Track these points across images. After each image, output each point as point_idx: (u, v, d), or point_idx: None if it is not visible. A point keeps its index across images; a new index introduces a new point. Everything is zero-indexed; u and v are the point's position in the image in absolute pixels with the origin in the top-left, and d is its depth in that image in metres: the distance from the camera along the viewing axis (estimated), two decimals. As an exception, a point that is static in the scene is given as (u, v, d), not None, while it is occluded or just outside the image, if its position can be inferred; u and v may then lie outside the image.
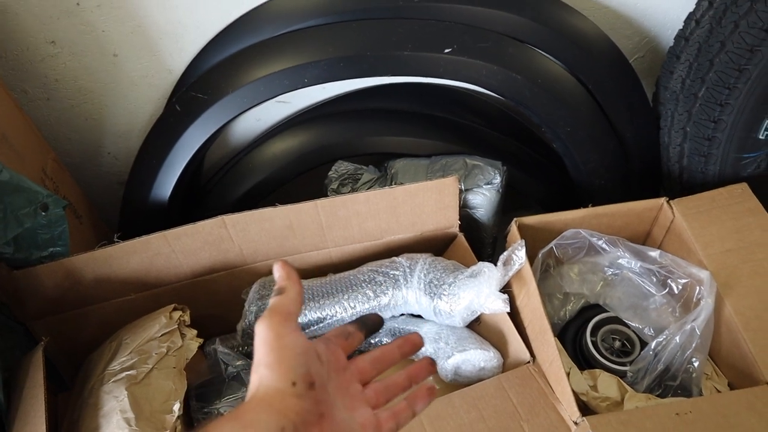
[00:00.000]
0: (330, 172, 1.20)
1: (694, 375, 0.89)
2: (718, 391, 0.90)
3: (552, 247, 1.00)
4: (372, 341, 1.02)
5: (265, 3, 1.10)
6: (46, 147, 1.13)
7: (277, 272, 0.51)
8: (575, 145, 1.15)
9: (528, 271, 0.92)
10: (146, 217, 1.19)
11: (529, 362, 0.89)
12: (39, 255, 0.96)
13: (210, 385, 0.98)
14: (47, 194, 0.92)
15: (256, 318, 0.98)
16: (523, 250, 0.91)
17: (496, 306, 0.90)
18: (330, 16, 1.08)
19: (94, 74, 1.16)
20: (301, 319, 0.98)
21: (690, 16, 1.12)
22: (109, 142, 1.29)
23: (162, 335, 0.94)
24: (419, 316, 1.02)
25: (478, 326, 1.00)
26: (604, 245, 1.00)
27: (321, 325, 0.99)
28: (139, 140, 1.20)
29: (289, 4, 1.10)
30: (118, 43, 1.12)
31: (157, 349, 0.92)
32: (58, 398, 1.02)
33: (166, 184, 1.16)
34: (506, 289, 0.94)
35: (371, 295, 0.98)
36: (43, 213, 0.92)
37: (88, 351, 1.01)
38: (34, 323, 1.00)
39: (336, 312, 0.98)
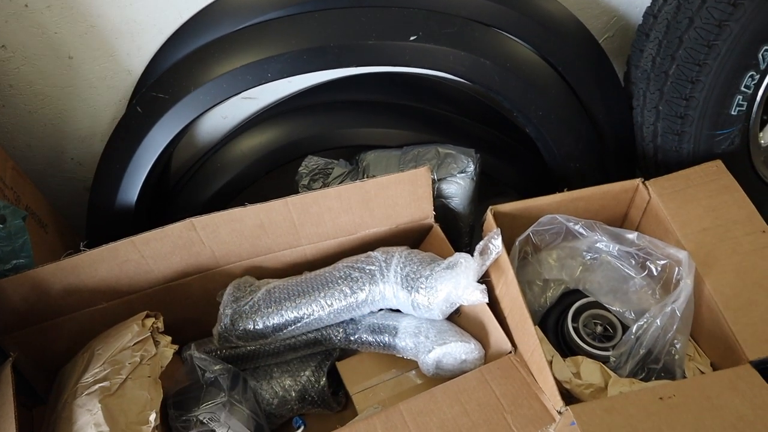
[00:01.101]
0: (300, 168, 1.18)
1: (676, 357, 0.89)
2: (702, 372, 0.90)
3: (529, 234, 0.99)
4: (352, 338, 1.01)
5: (223, -4, 1.08)
6: (4, 155, 1.10)
7: None
8: (548, 128, 1.14)
9: (505, 260, 0.91)
10: (114, 223, 1.16)
11: (510, 352, 0.89)
12: (2, 268, 0.94)
13: (188, 392, 0.96)
14: (4, 205, 0.90)
15: (232, 321, 0.97)
16: (500, 238, 0.90)
17: (474, 297, 0.89)
18: (290, 7, 1.06)
19: (50, 78, 1.13)
20: (278, 320, 0.97)
21: (658, -8, 1.12)
22: (71, 147, 1.27)
23: (135, 344, 0.91)
24: (398, 311, 1.01)
25: (458, 318, 0.99)
26: (581, 230, 0.99)
27: (298, 324, 0.97)
28: (102, 144, 1.17)
29: (248, -3, 1.08)
30: (72, 44, 1.09)
31: (130, 359, 0.90)
32: (34, 413, 1.00)
33: (132, 187, 1.13)
34: (484, 278, 0.93)
35: (348, 291, 0.96)
36: (1, 225, 0.90)
37: (62, 363, 0.99)
38: (3, 338, 0.97)
39: (313, 311, 0.97)
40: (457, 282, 0.90)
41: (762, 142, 1.11)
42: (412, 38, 1.04)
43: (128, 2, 1.05)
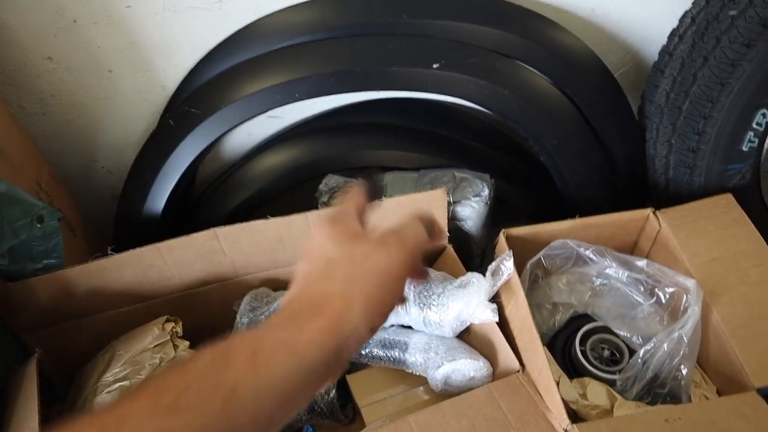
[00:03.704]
0: (320, 186, 1.20)
1: (682, 382, 0.90)
2: (707, 398, 0.91)
3: (540, 258, 1.00)
4: (362, 352, 1.02)
5: (257, 20, 1.12)
6: (42, 160, 1.14)
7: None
8: (562, 157, 1.16)
9: (516, 282, 0.92)
10: (139, 230, 1.19)
11: (518, 371, 0.90)
12: (33, 267, 0.96)
13: (202, 397, 0.98)
14: (43, 206, 0.93)
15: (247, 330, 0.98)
16: (511, 260, 0.92)
17: (485, 316, 0.91)
18: (321, 32, 1.10)
19: (90, 89, 1.17)
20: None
21: (673, 32, 1.15)
22: (103, 156, 1.30)
23: (155, 346, 0.94)
24: (410, 327, 1.02)
25: (467, 336, 1.01)
26: (591, 255, 1.00)
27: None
28: (133, 154, 1.21)
29: (280, 22, 1.12)
30: (113, 59, 1.13)
31: (150, 360, 0.92)
32: (52, 410, 1.02)
33: (160, 197, 1.16)
34: (495, 299, 0.94)
35: (362, 306, 0.98)
36: (39, 225, 0.93)
37: (82, 363, 1.01)
38: (28, 335, 1.00)
39: (327, 324, 0.98)
40: (469, 300, 0.92)
41: (772, 178, 1.12)
42: (434, 66, 1.07)
43: (168, 22, 1.10)
